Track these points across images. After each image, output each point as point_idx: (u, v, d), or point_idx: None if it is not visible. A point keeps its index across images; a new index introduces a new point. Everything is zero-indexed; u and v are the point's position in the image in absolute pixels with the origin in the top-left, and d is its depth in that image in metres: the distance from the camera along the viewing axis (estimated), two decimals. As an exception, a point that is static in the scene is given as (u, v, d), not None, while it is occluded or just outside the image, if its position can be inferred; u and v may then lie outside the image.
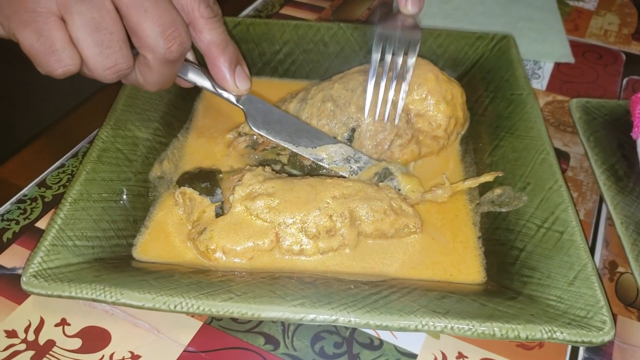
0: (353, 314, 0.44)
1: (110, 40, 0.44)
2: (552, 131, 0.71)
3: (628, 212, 0.56)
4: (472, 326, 0.44)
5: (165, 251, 0.54)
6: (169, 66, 0.49)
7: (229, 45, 0.53)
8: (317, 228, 0.53)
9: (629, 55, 0.86)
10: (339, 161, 0.60)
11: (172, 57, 0.48)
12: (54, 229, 0.49)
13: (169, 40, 0.46)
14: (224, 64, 0.53)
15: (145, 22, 0.45)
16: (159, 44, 0.46)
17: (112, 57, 0.45)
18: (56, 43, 0.43)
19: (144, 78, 0.50)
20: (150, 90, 0.52)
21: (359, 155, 0.60)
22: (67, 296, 0.45)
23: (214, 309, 0.44)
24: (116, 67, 0.46)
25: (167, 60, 0.48)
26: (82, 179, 0.53)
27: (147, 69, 0.49)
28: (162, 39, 0.46)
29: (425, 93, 0.61)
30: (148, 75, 0.49)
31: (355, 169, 0.60)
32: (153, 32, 0.46)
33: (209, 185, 0.56)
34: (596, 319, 0.44)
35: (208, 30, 0.51)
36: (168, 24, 0.46)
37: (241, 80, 0.55)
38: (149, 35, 0.46)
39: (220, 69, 0.53)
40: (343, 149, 0.60)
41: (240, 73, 0.55)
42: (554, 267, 0.49)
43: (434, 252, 0.55)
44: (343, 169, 0.59)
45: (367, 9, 0.94)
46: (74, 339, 0.48)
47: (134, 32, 0.46)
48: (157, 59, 0.47)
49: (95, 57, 0.45)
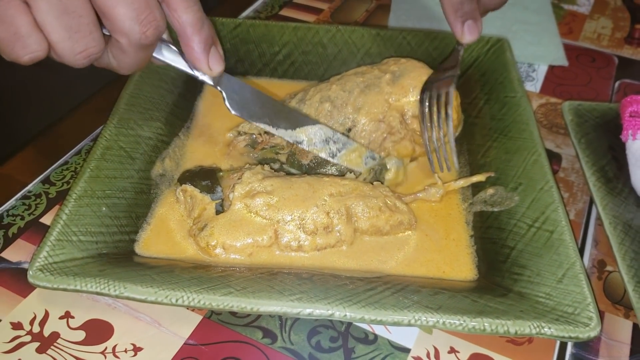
0: (349, 309, 0.45)
1: (79, 23, 0.42)
2: (545, 133, 0.72)
3: (616, 213, 0.58)
4: (463, 321, 0.45)
5: (167, 247, 0.55)
6: (143, 50, 0.47)
7: (204, 25, 0.49)
8: (315, 224, 0.54)
9: (621, 58, 0.87)
10: (318, 142, 0.59)
11: (147, 42, 0.45)
12: (59, 224, 0.51)
13: (144, 24, 0.44)
14: (199, 45, 0.50)
15: (118, 6, 0.42)
16: (133, 28, 0.43)
17: (82, 41, 0.43)
18: (21, 29, 0.40)
19: (117, 62, 0.47)
20: (124, 74, 0.50)
21: (337, 137, 0.60)
22: (72, 289, 0.46)
23: (214, 303, 0.45)
24: (87, 51, 0.43)
25: (142, 45, 0.45)
26: (86, 176, 0.54)
27: (120, 52, 0.46)
28: (136, 23, 0.43)
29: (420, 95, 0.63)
30: (122, 59, 0.47)
31: (334, 151, 0.60)
32: (127, 16, 0.43)
33: (209, 183, 0.58)
34: (583, 316, 0.46)
35: (183, 9, 0.47)
36: (143, 7, 0.43)
37: (215, 61, 0.52)
38: (123, 20, 0.43)
39: (194, 50, 0.50)
40: (322, 129, 0.60)
41: (214, 54, 0.51)
42: (543, 265, 0.50)
43: (427, 250, 0.56)
44: (322, 150, 0.60)
45: (365, 11, 0.95)
46: (78, 331, 0.50)
47: (106, 16, 0.43)
48: (132, 44, 0.45)
49: (63, 41, 0.42)
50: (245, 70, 0.76)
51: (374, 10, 0.96)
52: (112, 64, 0.48)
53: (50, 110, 0.73)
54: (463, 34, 0.60)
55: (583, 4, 1.00)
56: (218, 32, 0.74)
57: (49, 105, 0.74)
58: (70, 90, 0.70)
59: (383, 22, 0.92)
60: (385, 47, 0.75)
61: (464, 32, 0.60)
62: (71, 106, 0.73)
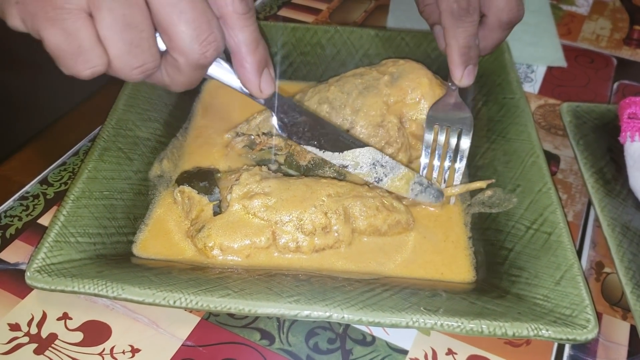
0: (346, 311, 0.45)
1: (140, 38, 0.41)
2: (543, 134, 0.73)
3: (615, 215, 0.58)
4: (461, 323, 0.45)
5: (164, 248, 0.55)
6: (200, 69, 0.46)
7: (259, 46, 0.48)
8: (313, 225, 0.54)
9: (620, 59, 0.87)
10: (365, 166, 0.58)
11: (206, 62, 0.44)
12: (57, 225, 0.51)
13: (204, 45, 0.43)
14: (252, 66, 0.48)
15: (179, 24, 0.41)
16: (193, 48, 0.42)
17: (140, 56, 0.42)
18: (84, 42, 0.40)
19: (170, 79, 0.46)
20: (175, 91, 0.49)
21: (385, 160, 0.58)
22: (70, 291, 0.46)
23: (212, 305, 0.45)
24: (144, 66, 0.43)
25: (199, 65, 0.44)
26: (84, 177, 0.54)
27: (175, 70, 0.45)
28: (197, 43, 0.42)
29: (418, 97, 0.63)
30: (175, 77, 0.46)
31: (381, 175, 0.58)
32: (188, 35, 0.42)
33: (207, 184, 0.58)
34: (581, 318, 0.46)
35: (240, 27, 0.46)
36: (204, 27, 0.42)
37: (266, 84, 0.50)
38: (183, 39, 0.42)
39: (247, 71, 0.48)
40: (370, 152, 0.58)
41: (266, 77, 0.50)
42: (541, 267, 0.50)
43: (425, 252, 0.56)
44: (368, 175, 0.58)
45: (364, 12, 0.95)
46: (76, 333, 0.50)
47: (166, 33, 0.42)
48: (190, 64, 0.44)
49: (123, 56, 0.41)
50: (244, 71, 0.76)
51: (373, 10, 0.96)
52: (164, 81, 0.46)
53: (48, 111, 0.73)
54: (462, 79, 0.61)
55: (582, 4, 1.00)
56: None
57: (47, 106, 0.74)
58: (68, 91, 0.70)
59: (382, 23, 0.92)
60: (383, 48, 0.75)
61: (463, 77, 0.61)
62: (69, 107, 0.73)
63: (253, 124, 0.65)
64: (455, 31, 0.59)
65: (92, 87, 0.73)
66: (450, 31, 0.59)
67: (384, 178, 0.58)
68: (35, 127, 0.71)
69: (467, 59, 0.60)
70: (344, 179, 0.61)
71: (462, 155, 0.61)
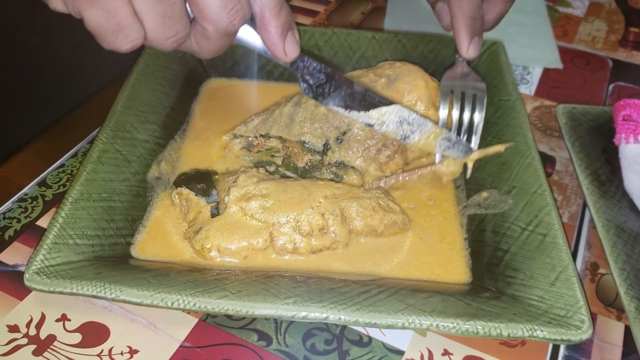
0: (343, 312, 0.46)
1: (172, 10, 0.44)
2: (539, 135, 0.73)
3: (609, 216, 0.58)
4: (457, 324, 0.45)
5: (162, 250, 0.56)
6: (228, 37, 0.47)
7: (282, 10, 0.49)
8: (310, 226, 0.55)
9: (615, 61, 0.88)
10: (391, 124, 0.57)
11: (233, 30, 0.46)
12: (56, 227, 0.51)
13: (232, 13, 0.45)
14: (276, 30, 0.49)
15: None
16: (221, 17, 0.44)
17: (173, 27, 0.44)
18: (123, 19, 0.42)
19: (199, 46, 0.48)
20: (204, 57, 0.50)
21: (412, 117, 0.57)
22: (69, 292, 0.47)
23: (210, 306, 0.46)
24: (176, 36, 0.45)
25: (227, 32, 0.46)
26: (82, 179, 0.55)
27: (204, 38, 0.47)
28: (225, 12, 0.44)
29: (415, 99, 0.63)
30: (204, 45, 0.48)
31: (408, 133, 0.58)
32: (215, 4, 0.44)
33: (204, 186, 0.58)
34: (575, 319, 0.46)
35: None
36: None
37: (291, 47, 0.51)
38: (211, 7, 0.44)
39: (271, 34, 0.49)
40: (396, 110, 0.57)
41: (290, 39, 0.51)
42: (536, 268, 0.51)
43: (421, 253, 0.57)
44: (394, 133, 0.58)
45: (361, 14, 0.96)
46: (74, 334, 0.50)
47: (195, 3, 0.44)
48: (218, 31, 0.46)
49: (157, 27, 0.44)
50: (241, 73, 0.76)
51: (370, 12, 0.96)
52: (193, 48, 0.49)
53: (46, 113, 0.74)
54: (468, 50, 0.62)
55: (578, 6, 1.01)
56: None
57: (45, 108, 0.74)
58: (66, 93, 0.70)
59: (379, 25, 0.93)
60: (380, 50, 0.75)
61: (470, 48, 0.62)
62: (67, 109, 0.73)
63: (251, 125, 0.66)
64: (460, 3, 0.60)
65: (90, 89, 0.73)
66: (456, 3, 0.60)
67: (410, 135, 0.58)
68: (34, 129, 0.71)
69: (473, 30, 0.61)
70: (341, 180, 0.62)
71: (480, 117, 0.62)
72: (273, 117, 0.66)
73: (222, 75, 0.76)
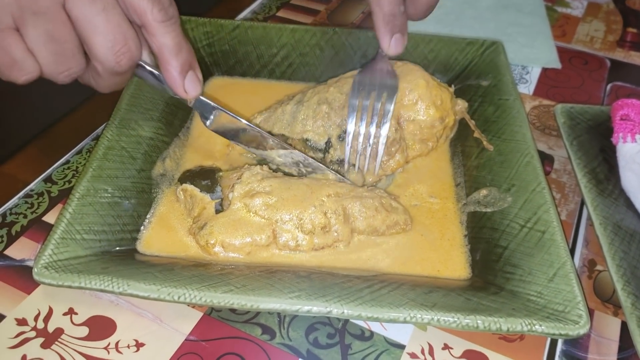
0: (346, 306, 0.46)
1: (63, 49, 0.46)
2: (538, 134, 0.74)
3: (607, 214, 0.59)
4: (457, 319, 0.46)
5: (167, 245, 0.56)
6: (117, 76, 0.50)
7: (182, 50, 0.51)
8: (313, 224, 0.56)
9: (613, 61, 0.89)
10: (288, 164, 0.62)
11: (120, 69, 0.49)
12: (63, 223, 0.52)
13: (118, 55, 0.47)
14: (175, 69, 0.52)
15: (95, 37, 0.46)
16: (108, 57, 0.47)
17: (65, 63, 0.47)
18: (17, 55, 0.45)
19: (95, 82, 0.51)
20: (102, 91, 0.53)
21: (308, 162, 0.61)
22: (77, 286, 0.47)
23: (215, 300, 0.47)
24: (69, 71, 0.48)
25: (115, 72, 0.49)
26: (88, 176, 0.56)
27: (97, 75, 0.50)
28: (111, 54, 0.47)
29: (416, 98, 0.64)
30: (99, 81, 0.50)
31: (304, 172, 0.62)
32: (103, 46, 0.47)
33: (209, 182, 0.59)
34: (573, 314, 0.47)
35: (161, 34, 0.50)
36: (118, 39, 0.47)
37: (191, 85, 0.54)
38: (99, 50, 0.47)
39: (171, 74, 0.52)
40: (293, 155, 0.61)
41: (191, 78, 0.53)
42: (535, 265, 0.52)
43: (422, 249, 0.58)
44: (291, 171, 0.63)
45: (362, 13, 0.96)
46: (81, 327, 0.51)
47: (85, 43, 0.47)
48: (107, 70, 0.48)
49: (50, 64, 0.46)
50: (244, 72, 0.77)
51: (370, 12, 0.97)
52: (91, 82, 0.51)
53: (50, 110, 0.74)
54: (390, 47, 0.61)
55: (576, 7, 1.02)
56: (216, 33, 0.76)
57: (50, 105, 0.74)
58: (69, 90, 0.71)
59: (379, 24, 0.93)
60: (381, 50, 0.76)
61: (391, 45, 0.61)
62: (71, 106, 0.74)
63: (253, 123, 0.67)
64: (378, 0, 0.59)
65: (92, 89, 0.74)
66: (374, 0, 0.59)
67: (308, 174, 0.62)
68: (38, 126, 0.72)
69: (393, 27, 0.60)
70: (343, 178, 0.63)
71: (386, 119, 0.61)
72: (276, 115, 0.67)
73: (225, 73, 0.77)
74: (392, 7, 0.59)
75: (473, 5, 0.99)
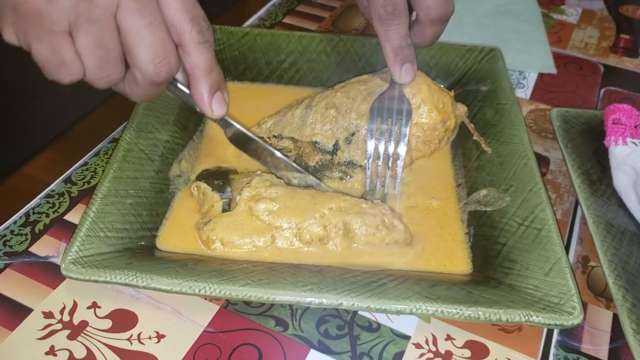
0: (356, 299, 0.49)
1: (108, 56, 0.49)
2: (534, 137, 0.77)
3: (599, 213, 0.62)
4: (459, 310, 0.49)
5: (184, 242, 0.59)
6: (154, 86, 0.52)
7: (213, 71, 0.54)
8: (311, 235, 0.58)
9: (606, 67, 0.92)
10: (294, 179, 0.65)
11: (158, 80, 0.51)
12: (87, 221, 0.54)
13: (158, 67, 0.50)
14: (205, 88, 0.54)
15: (139, 47, 0.49)
16: (149, 68, 0.49)
17: (107, 69, 0.49)
18: (66, 56, 0.47)
19: (130, 90, 0.53)
20: (135, 100, 0.55)
21: (322, 187, 0.64)
22: (103, 281, 0.50)
23: (234, 293, 0.49)
24: (109, 77, 0.50)
25: (153, 82, 0.51)
26: (110, 177, 0.58)
27: (135, 84, 0.52)
28: (152, 65, 0.49)
29: (419, 102, 0.67)
30: (135, 90, 0.53)
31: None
32: (145, 57, 0.49)
33: (221, 182, 0.62)
34: (567, 305, 0.50)
35: (196, 54, 0.52)
36: (160, 52, 0.49)
37: (217, 105, 0.56)
38: (141, 60, 0.49)
39: (200, 92, 0.55)
40: (306, 178, 0.65)
41: (218, 99, 0.56)
42: (532, 260, 0.54)
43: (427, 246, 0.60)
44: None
45: (365, 20, 0.99)
46: (105, 320, 0.54)
47: (129, 52, 0.49)
48: (145, 80, 0.51)
49: (94, 68, 0.49)
50: (253, 77, 0.80)
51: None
52: (126, 91, 0.54)
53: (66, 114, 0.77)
54: (401, 77, 0.64)
55: (571, 14, 1.05)
56: (226, 40, 0.78)
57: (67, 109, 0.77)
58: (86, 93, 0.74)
59: (381, 31, 0.96)
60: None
61: (401, 75, 0.64)
62: (87, 110, 0.77)
63: (264, 127, 0.70)
64: (386, 34, 0.62)
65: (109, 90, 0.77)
66: (382, 35, 0.63)
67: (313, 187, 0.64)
68: (56, 129, 0.74)
69: (402, 57, 0.63)
70: (350, 179, 0.65)
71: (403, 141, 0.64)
72: (285, 119, 0.69)
73: (235, 79, 0.80)
74: (399, 41, 0.62)
75: (472, 12, 1.01)
